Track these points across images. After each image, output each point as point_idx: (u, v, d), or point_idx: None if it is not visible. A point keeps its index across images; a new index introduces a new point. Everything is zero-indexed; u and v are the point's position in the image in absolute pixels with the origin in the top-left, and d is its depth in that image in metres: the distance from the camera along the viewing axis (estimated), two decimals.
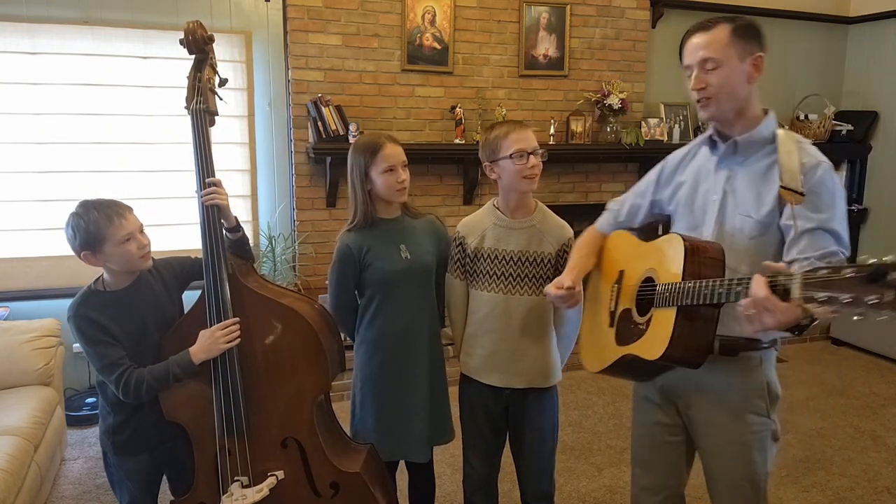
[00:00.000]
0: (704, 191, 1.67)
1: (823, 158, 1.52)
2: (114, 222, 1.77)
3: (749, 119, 1.58)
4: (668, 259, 1.55)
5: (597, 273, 1.90)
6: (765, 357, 1.63)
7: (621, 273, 1.78)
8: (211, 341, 1.83)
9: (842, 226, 1.47)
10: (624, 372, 1.76)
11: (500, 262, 1.96)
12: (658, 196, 1.83)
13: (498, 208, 2.02)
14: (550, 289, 1.76)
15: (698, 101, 1.59)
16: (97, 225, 1.75)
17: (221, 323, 1.85)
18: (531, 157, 1.90)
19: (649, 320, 1.58)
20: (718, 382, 1.62)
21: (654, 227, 1.95)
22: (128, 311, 1.84)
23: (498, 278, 1.96)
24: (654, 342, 1.53)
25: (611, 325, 1.77)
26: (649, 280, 1.62)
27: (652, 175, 1.85)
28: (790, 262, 1.40)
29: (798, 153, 1.51)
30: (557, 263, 1.97)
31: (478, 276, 1.99)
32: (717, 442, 1.66)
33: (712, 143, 1.67)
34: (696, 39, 1.57)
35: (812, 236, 1.44)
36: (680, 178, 1.75)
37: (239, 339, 1.86)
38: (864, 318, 1.09)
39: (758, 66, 1.54)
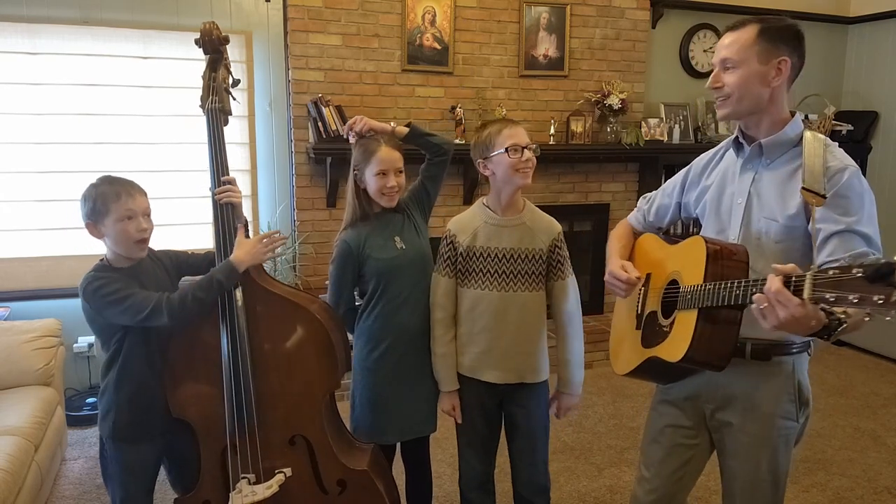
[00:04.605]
0: (730, 194, 1.66)
1: (850, 162, 1.50)
2: (120, 198, 1.80)
3: (775, 121, 1.57)
4: (691, 262, 1.55)
5: None
6: (797, 361, 1.61)
7: (648, 276, 1.79)
8: (256, 249, 1.87)
9: (871, 228, 1.45)
10: (649, 374, 1.75)
11: (493, 260, 1.97)
12: (685, 199, 1.83)
13: (488, 206, 2.04)
14: (619, 272, 1.73)
15: (716, 100, 1.60)
16: (104, 198, 1.79)
17: (265, 233, 1.95)
18: (525, 150, 1.93)
19: (672, 322, 1.59)
20: (750, 386, 1.61)
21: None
22: (137, 284, 1.83)
23: (492, 276, 1.97)
24: (677, 344, 1.53)
25: (637, 327, 1.77)
26: (674, 283, 1.63)
27: (678, 178, 1.86)
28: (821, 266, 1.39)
29: (824, 156, 1.49)
30: (550, 259, 1.99)
31: (471, 274, 2.00)
32: (744, 444, 1.64)
33: (738, 146, 1.66)
34: (724, 39, 1.59)
35: (840, 239, 1.42)
36: (707, 181, 1.75)
37: (280, 253, 1.87)
38: (872, 318, 1.08)
39: (781, 70, 1.51)
